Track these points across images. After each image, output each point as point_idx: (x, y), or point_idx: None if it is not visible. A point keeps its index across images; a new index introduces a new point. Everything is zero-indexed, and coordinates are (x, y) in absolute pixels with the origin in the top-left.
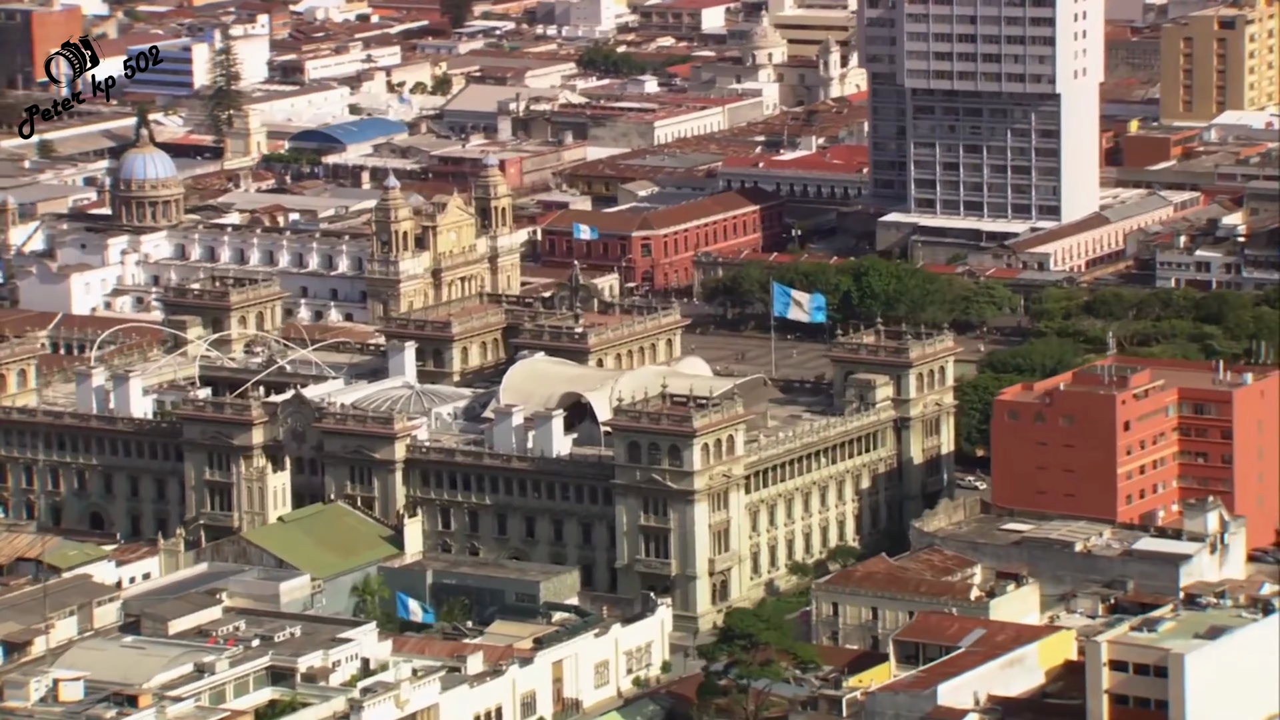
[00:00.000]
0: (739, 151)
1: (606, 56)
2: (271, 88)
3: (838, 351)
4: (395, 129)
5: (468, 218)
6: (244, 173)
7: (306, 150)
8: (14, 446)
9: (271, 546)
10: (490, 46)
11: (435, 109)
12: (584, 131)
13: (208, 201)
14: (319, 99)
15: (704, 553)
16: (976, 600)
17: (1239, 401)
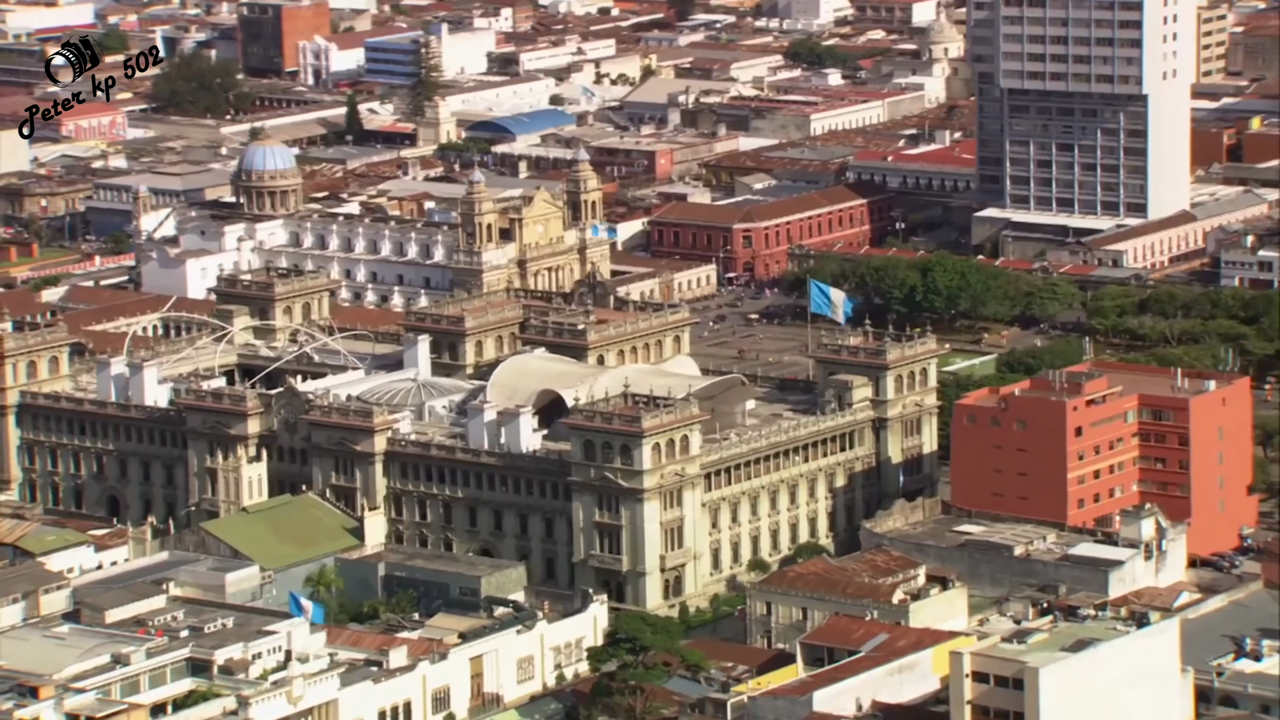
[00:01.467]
0: (882, 145)
1: (812, 49)
2: (486, 78)
3: (820, 352)
4: (565, 120)
5: (555, 210)
6: (413, 161)
7: (480, 140)
8: (40, 430)
9: (228, 537)
10: (709, 39)
11: (618, 100)
12: (745, 124)
13: (366, 189)
14: (524, 90)
15: (655, 549)
16: (900, 604)
17: (1195, 408)
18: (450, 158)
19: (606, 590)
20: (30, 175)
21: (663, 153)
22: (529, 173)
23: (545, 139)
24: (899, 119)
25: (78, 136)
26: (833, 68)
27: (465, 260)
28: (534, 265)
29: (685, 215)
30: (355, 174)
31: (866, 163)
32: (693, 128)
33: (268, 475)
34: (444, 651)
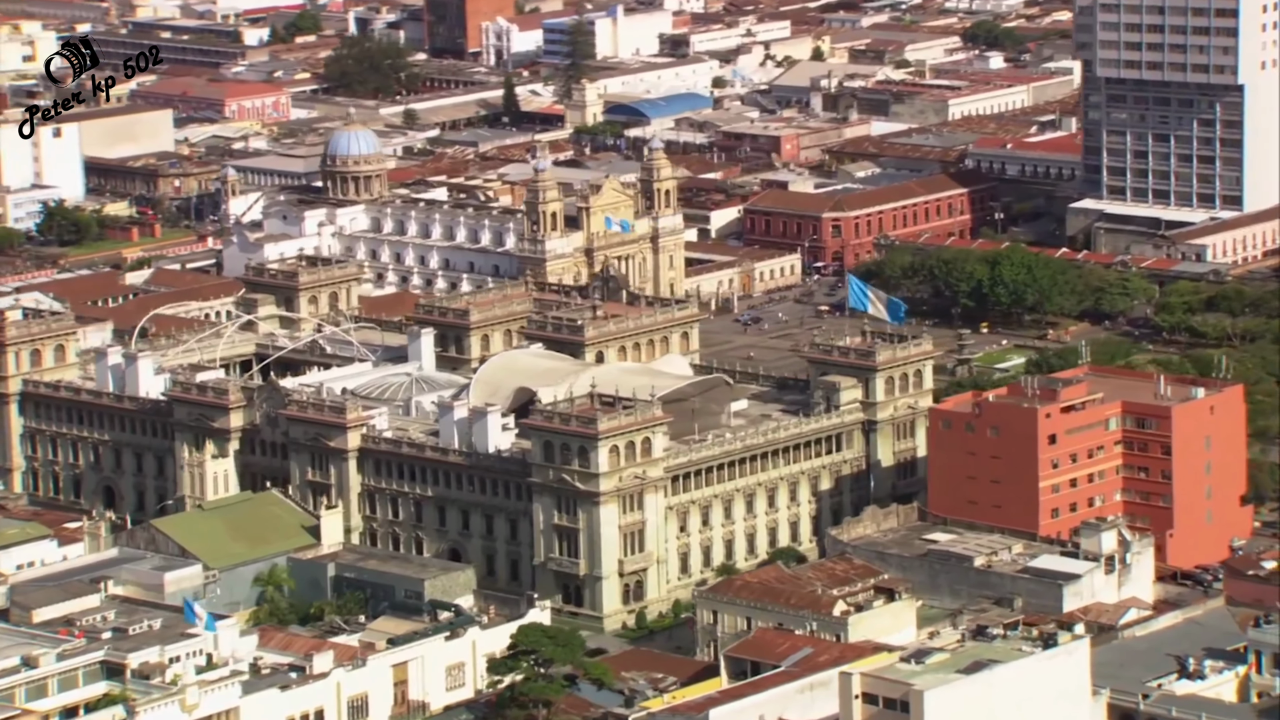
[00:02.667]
0: (1012, 131)
1: (989, 31)
2: (653, 60)
3: (811, 351)
4: (701, 103)
5: (625, 199)
6: (541, 145)
7: (615, 123)
8: (41, 419)
9: (176, 534)
10: (893, 20)
11: (766, 84)
12: (885, 108)
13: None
14: (686, 72)
15: (612, 554)
16: (842, 615)
17: (1178, 417)
18: (582, 141)
19: (565, 594)
20: (172, 156)
21: (788, 138)
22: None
23: (679, 123)
24: (1042, 104)
25: (240, 117)
26: (1004, 50)
27: (529, 248)
28: (601, 253)
29: (777, 203)
30: (484, 157)
31: (985, 150)
32: (833, 112)
33: (250, 470)
34: (364, 658)
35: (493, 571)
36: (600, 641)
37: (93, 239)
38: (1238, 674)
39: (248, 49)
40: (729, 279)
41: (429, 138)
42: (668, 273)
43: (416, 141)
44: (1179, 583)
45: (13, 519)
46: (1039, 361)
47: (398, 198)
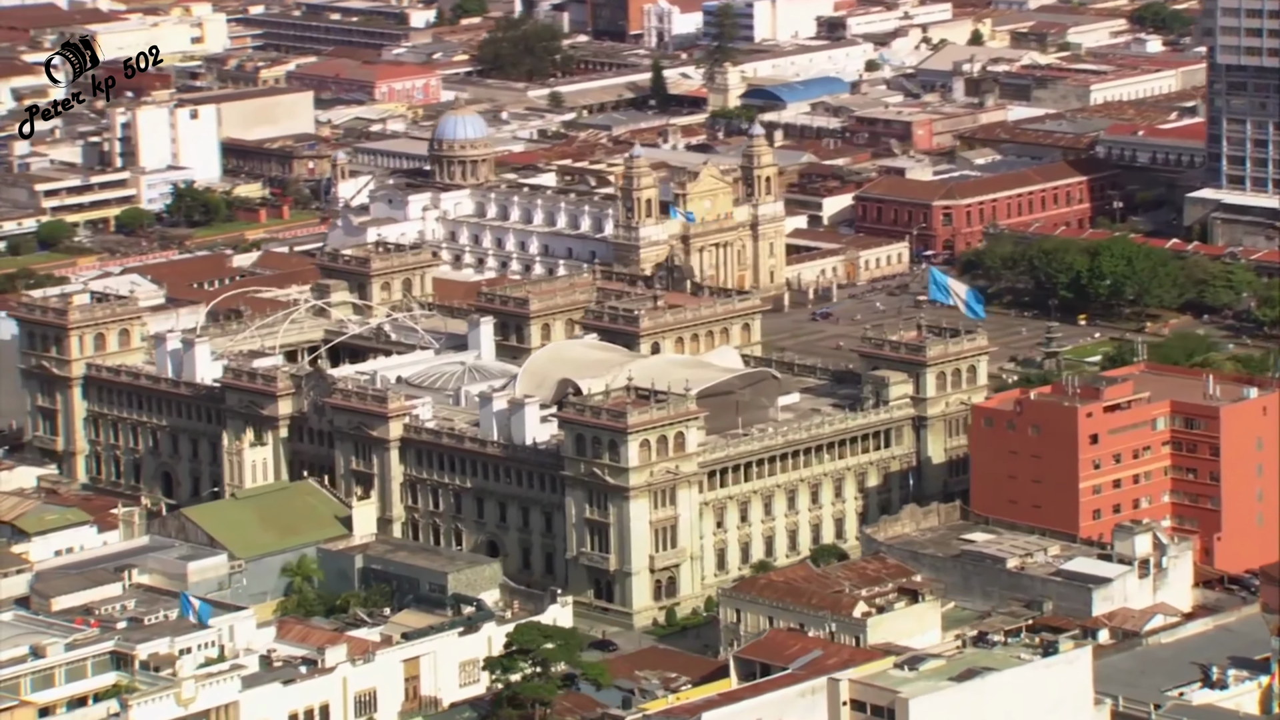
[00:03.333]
0: (1151, 118)
1: (1157, 14)
2: (807, 44)
3: (864, 345)
4: (840, 88)
5: (724, 185)
6: (674, 129)
7: (751, 107)
8: (104, 403)
9: (205, 523)
10: (1061, 2)
11: (912, 68)
12: (1027, 93)
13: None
14: (839, 55)
15: (643, 549)
16: (862, 617)
17: (1227, 417)
18: (716, 125)
19: (596, 589)
20: (310, 138)
21: (920, 123)
22: (785, 141)
23: (815, 107)
24: (1189, 89)
25: (390, 99)
26: (1168, 33)
27: (624, 235)
28: (698, 241)
29: (889, 191)
30: (617, 141)
31: (1116, 137)
32: (975, 96)
33: (299, 458)
34: (372, 653)
35: (528, 565)
36: (628, 639)
37: (221, 220)
38: (1260, 684)
39: (412, 31)
40: (832, 267)
41: (564, 121)
42: (767, 260)
43: (552, 125)
44: (1225, 587)
45: (61, 504)
46: (1114, 356)
47: (503, 182)
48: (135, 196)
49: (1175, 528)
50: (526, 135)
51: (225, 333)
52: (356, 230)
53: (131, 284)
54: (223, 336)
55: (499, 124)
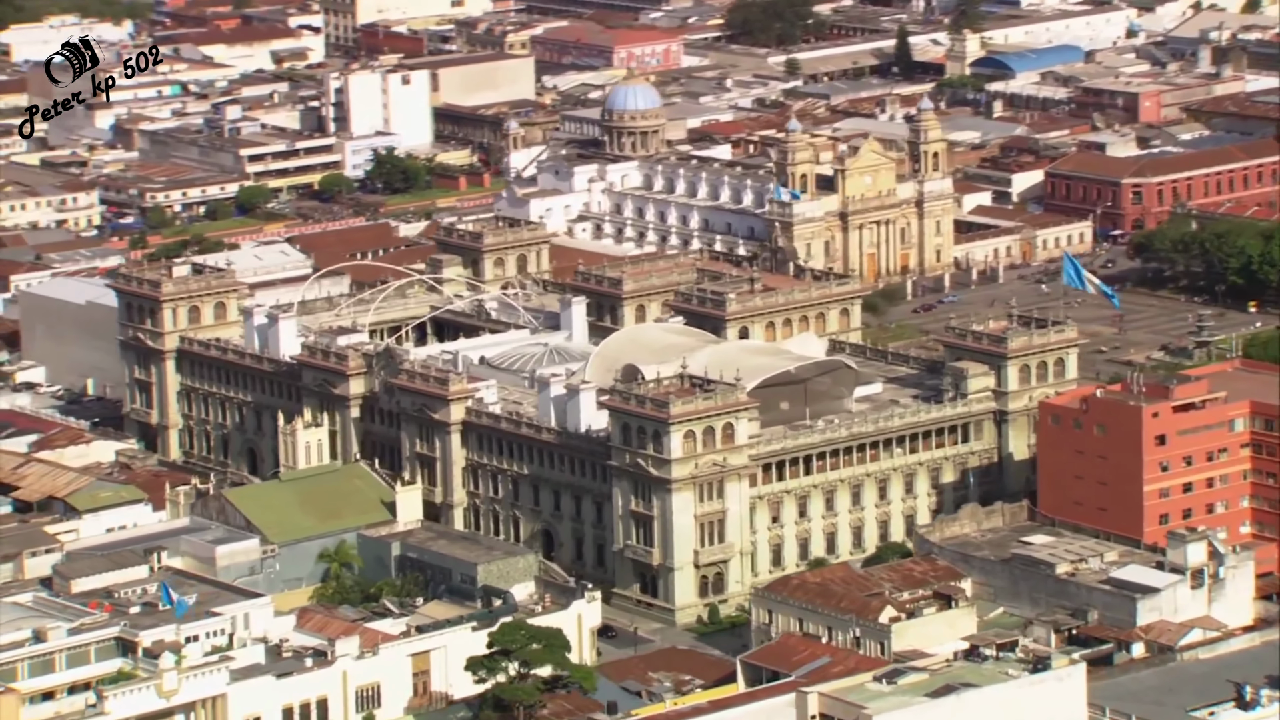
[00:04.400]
0: None
1: None
2: (1069, 8)
3: (948, 335)
4: (1073, 56)
5: (886, 161)
6: (892, 99)
7: (981, 76)
8: (196, 377)
9: (244, 506)
10: None
11: (1163, 34)
12: (1277, 63)
13: (819, 127)
14: (1099, 21)
15: (687, 544)
16: (889, 622)
17: None
18: (938, 95)
19: (641, 583)
20: (528, 104)
21: (1148, 94)
22: (1003, 113)
23: (1044, 77)
24: None
25: (627, 64)
26: None
27: (778, 211)
28: (857, 218)
29: (1080, 167)
30: (834, 110)
31: None
32: (1224, 65)
33: (370, 439)
34: (376, 646)
35: (581, 556)
36: (670, 636)
37: (421, 188)
38: None
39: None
40: (1006, 247)
41: (786, 89)
42: (933, 239)
43: (774, 93)
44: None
45: (129, 481)
46: (1251, 348)
47: (673, 154)
48: (340, 163)
49: (1256, 534)
50: (746, 104)
51: (332, 307)
52: (520, 202)
53: (282, 253)
54: (327, 311)
55: (720, 91)
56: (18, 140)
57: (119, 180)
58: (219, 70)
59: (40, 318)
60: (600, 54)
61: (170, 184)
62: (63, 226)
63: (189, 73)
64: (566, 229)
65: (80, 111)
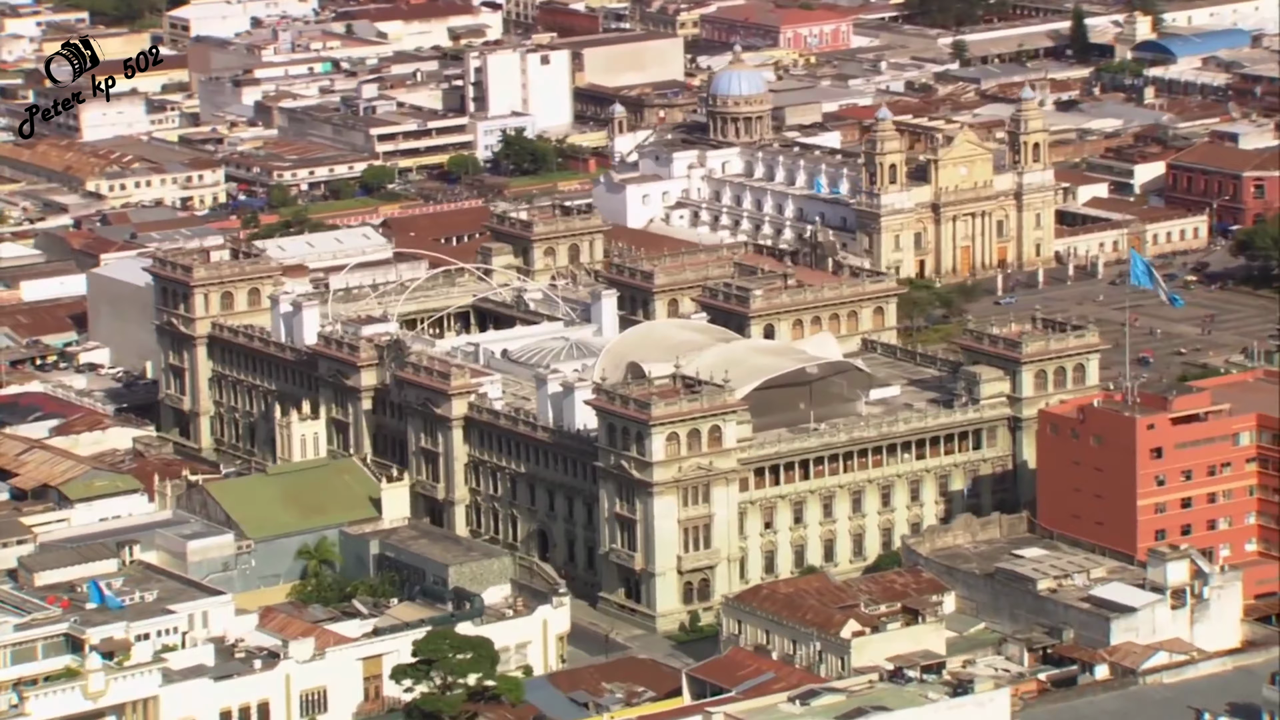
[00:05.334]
0: None
1: None
2: None
3: (965, 338)
4: (1238, 40)
5: (982, 152)
6: (1042, 83)
7: (1141, 61)
8: (226, 364)
9: (224, 499)
10: None
11: None
12: None
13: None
14: (1247, 7)
15: (670, 549)
16: (852, 636)
17: None
18: (1093, 81)
19: (626, 588)
20: (674, 85)
21: None
22: (1159, 98)
23: (1206, 62)
24: None
25: (793, 45)
26: None
27: (865, 202)
28: (950, 210)
29: (1203, 159)
30: (984, 94)
31: None
32: None
33: (382, 432)
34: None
35: (573, 558)
36: (650, 644)
37: (550, 169)
38: None
39: None
40: (1113, 241)
41: (937, 73)
42: (1033, 232)
43: (925, 76)
44: None
45: (139, 470)
46: None
47: (776, 141)
48: (471, 144)
49: (1263, 552)
50: (898, 88)
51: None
52: (616, 188)
53: (364, 236)
54: (365, 299)
55: (872, 74)
56: (160, 116)
57: (250, 158)
58: (373, 48)
59: (105, 299)
60: (766, 34)
61: (299, 162)
62: (187, 204)
63: (342, 50)
64: (664, 216)
65: (229, 88)
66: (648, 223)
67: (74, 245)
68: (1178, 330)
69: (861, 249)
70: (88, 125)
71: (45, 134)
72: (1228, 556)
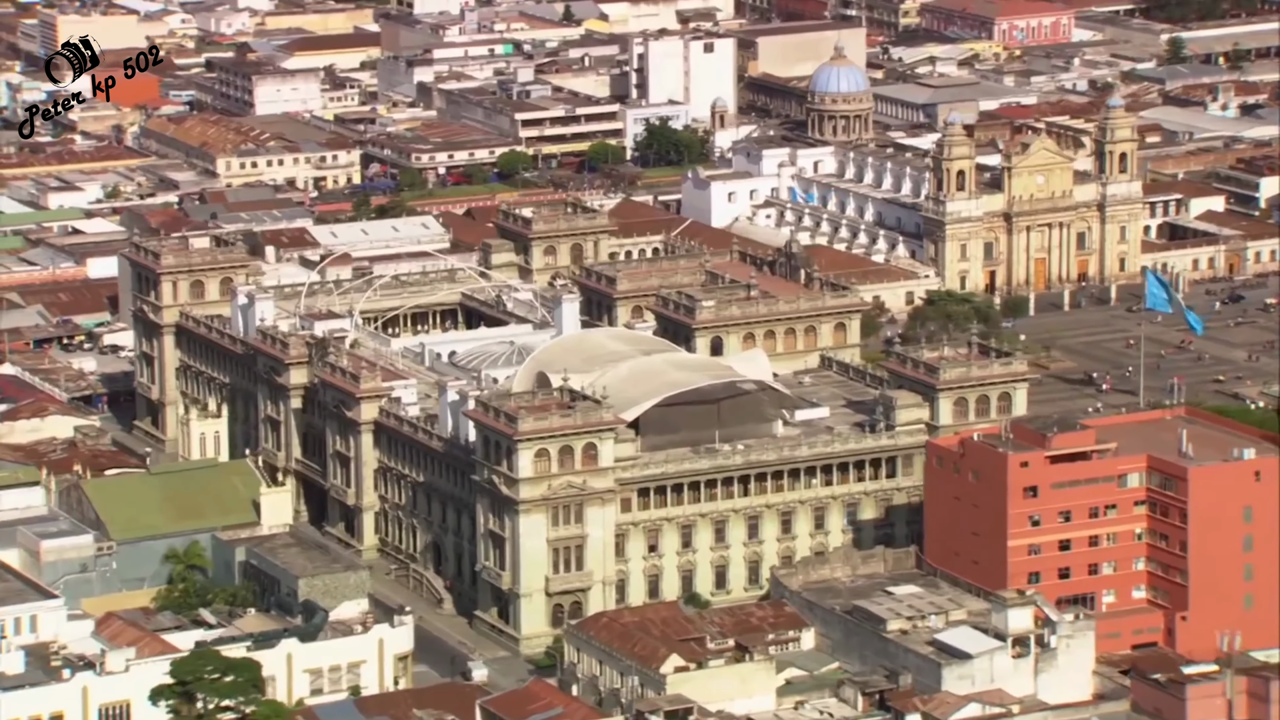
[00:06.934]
0: None
1: None
2: None
3: (891, 362)
4: None
5: (1061, 160)
6: (1227, 87)
7: None
8: (191, 355)
9: (96, 498)
10: None
11: None
12: None
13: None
14: None
15: (538, 570)
16: (677, 670)
17: (1197, 480)
18: None
19: (499, 607)
20: None
21: None
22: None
23: None
24: None
25: (1006, 38)
26: None
27: (931, 209)
28: (1023, 220)
29: None
30: (1168, 96)
31: None
32: None
33: (312, 433)
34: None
35: (460, 572)
36: (511, 667)
37: (693, 160)
38: None
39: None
40: (1208, 258)
41: (1123, 71)
42: (1117, 246)
43: (1108, 75)
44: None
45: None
46: None
47: (872, 141)
48: (620, 131)
49: (1151, 600)
50: (1083, 86)
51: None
52: (702, 184)
53: (422, 226)
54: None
55: (1056, 72)
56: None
57: (395, 140)
58: (558, 30)
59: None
60: (981, 25)
61: (441, 145)
62: (320, 185)
63: (528, 32)
64: (750, 215)
65: (402, 67)
66: (731, 222)
67: (151, 223)
68: (1229, 356)
69: (927, 257)
70: (260, 100)
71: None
72: (1112, 603)
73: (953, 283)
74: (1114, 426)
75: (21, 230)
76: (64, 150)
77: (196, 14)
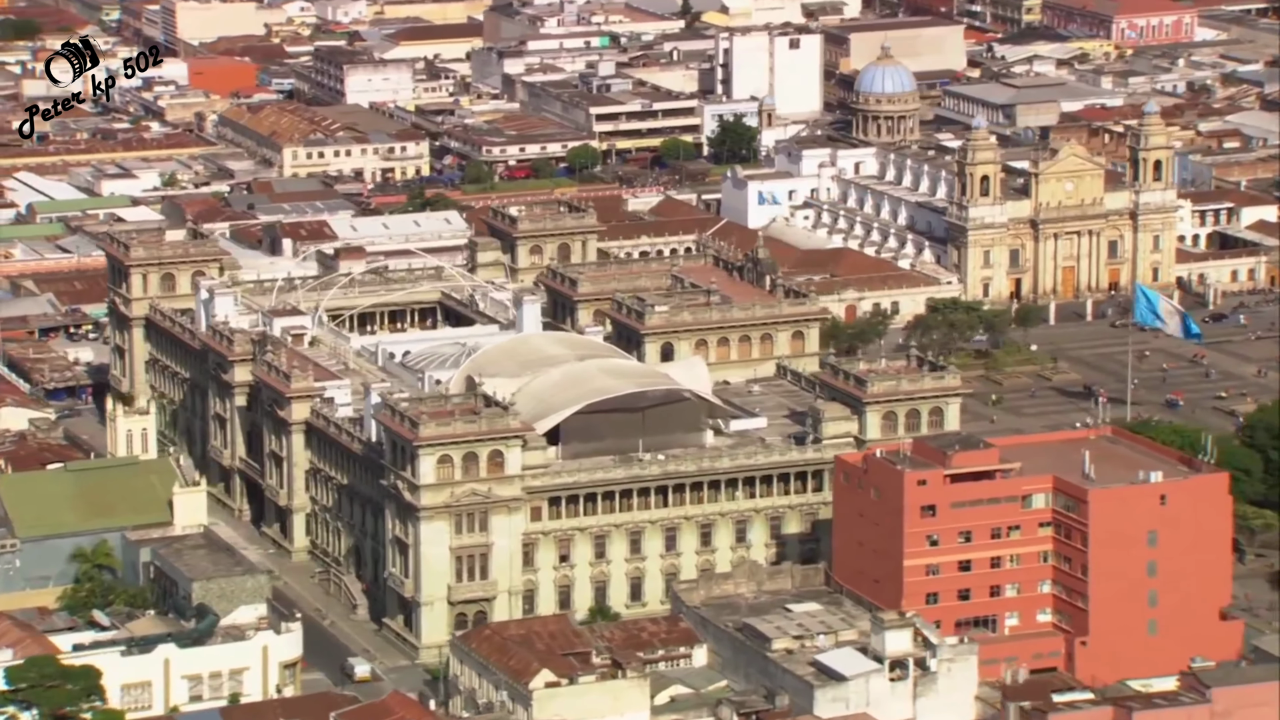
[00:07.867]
0: None
1: None
2: None
3: (823, 374)
4: None
5: (1091, 167)
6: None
7: None
8: (159, 348)
9: (7, 493)
10: None
11: None
12: None
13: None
14: None
15: (439, 578)
16: (547, 686)
17: (1098, 503)
18: None
19: (404, 615)
20: (946, 75)
21: None
22: None
23: None
24: None
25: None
26: None
27: (954, 214)
28: (1050, 228)
29: None
30: (1267, 101)
31: None
32: None
33: (255, 432)
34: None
35: (377, 577)
36: (408, 676)
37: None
38: None
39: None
40: (1248, 269)
41: (1224, 73)
42: (1150, 255)
43: (1207, 78)
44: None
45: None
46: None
47: (914, 143)
48: (698, 127)
49: (1056, 625)
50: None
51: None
52: (740, 184)
53: (445, 221)
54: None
55: (1158, 73)
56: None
57: (470, 132)
58: (659, 24)
59: None
60: (1099, 23)
61: (514, 139)
62: (387, 176)
63: (626, 24)
64: (788, 215)
65: (494, 59)
66: (769, 222)
67: (188, 213)
68: (1239, 372)
69: (950, 263)
70: (351, 90)
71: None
72: (1015, 626)
73: (975, 290)
74: (1025, 446)
75: (66, 217)
76: (134, 137)
77: (317, 1)
